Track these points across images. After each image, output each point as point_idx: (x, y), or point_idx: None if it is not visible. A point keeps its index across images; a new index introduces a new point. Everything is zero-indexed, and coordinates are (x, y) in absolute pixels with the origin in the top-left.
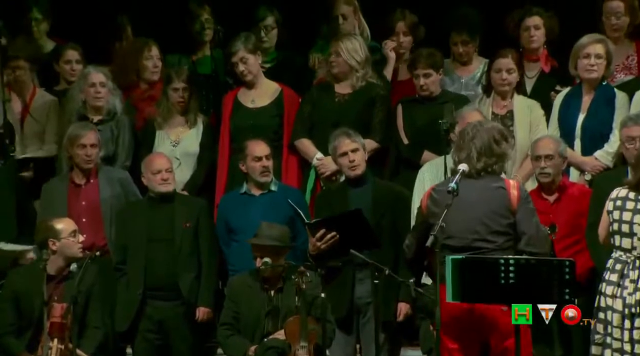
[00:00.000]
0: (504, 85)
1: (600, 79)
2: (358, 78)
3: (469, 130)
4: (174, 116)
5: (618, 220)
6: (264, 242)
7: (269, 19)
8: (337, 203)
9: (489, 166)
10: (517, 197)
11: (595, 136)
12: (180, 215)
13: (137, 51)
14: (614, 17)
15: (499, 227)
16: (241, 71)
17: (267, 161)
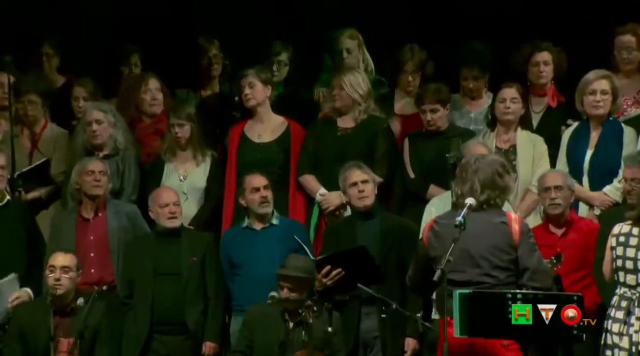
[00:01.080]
0: (507, 114)
1: (606, 114)
2: (360, 111)
3: (471, 163)
4: (182, 150)
5: (622, 256)
6: (290, 273)
7: (283, 55)
8: (345, 236)
9: (492, 199)
10: (518, 231)
11: (604, 172)
12: (187, 250)
13: (135, 85)
14: (625, 51)
15: (501, 262)
16: (246, 94)
17: (265, 191)
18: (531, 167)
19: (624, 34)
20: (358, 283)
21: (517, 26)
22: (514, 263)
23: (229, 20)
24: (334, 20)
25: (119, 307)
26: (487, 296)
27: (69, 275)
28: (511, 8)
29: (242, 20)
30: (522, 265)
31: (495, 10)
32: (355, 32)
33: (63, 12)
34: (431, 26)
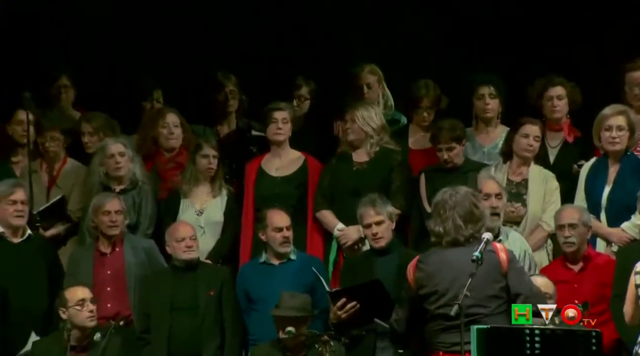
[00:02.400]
0: (529, 152)
1: (624, 150)
2: (372, 144)
3: (447, 199)
4: (200, 184)
5: None
6: (286, 313)
7: (304, 89)
8: (363, 271)
9: (476, 232)
10: (506, 259)
11: (622, 207)
12: (204, 284)
13: (152, 119)
14: (637, 87)
15: (492, 291)
16: (279, 128)
17: (287, 232)
18: (541, 203)
19: (635, 70)
20: (374, 315)
21: (532, 61)
22: (504, 291)
23: (248, 55)
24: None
25: (136, 342)
26: (505, 331)
27: (95, 306)
28: (527, 42)
29: (261, 55)
30: (513, 291)
31: (510, 45)
32: (376, 67)
33: (77, 45)
34: (446, 59)
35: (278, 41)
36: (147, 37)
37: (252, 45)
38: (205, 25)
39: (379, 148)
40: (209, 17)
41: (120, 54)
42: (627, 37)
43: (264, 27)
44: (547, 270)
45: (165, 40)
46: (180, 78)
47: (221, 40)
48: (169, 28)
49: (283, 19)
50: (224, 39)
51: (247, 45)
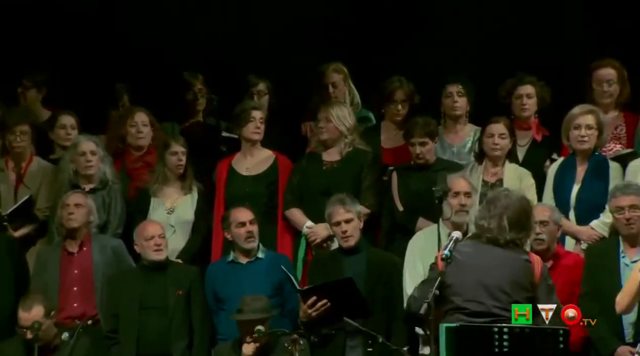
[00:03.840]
0: (496, 150)
1: (592, 149)
2: (346, 144)
3: (501, 197)
4: (170, 182)
5: None
6: (251, 317)
7: (261, 85)
8: (331, 270)
9: (517, 239)
10: (540, 272)
11: (590, 206)
12: (173, 283)
13: (121, 119)
14: (606, 83)
15: (520, 298)
16: (257, 127)
17: (251, 226)
18: None
19: (604, 67)
20: (344, 314)
21: (502, 61)
22: (530, 301)
23: (212, 54)
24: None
25: (104, 342)
26: (473, 330)
27: None
28: (496, 43)
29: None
30: (539, 305)
31: (480, 45)
32: (341, 65)
33: (50, 45)
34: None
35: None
36: (116, 35)
37: (215, 44)
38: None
39: (352, 148)
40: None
41: (89, 52)
42: (600, 38)
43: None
44: None
45: (133, 38)
46: (149, 76)
47: (187, 38)
48: (137, 26)
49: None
50: (189, 37)
51: (209, 45)
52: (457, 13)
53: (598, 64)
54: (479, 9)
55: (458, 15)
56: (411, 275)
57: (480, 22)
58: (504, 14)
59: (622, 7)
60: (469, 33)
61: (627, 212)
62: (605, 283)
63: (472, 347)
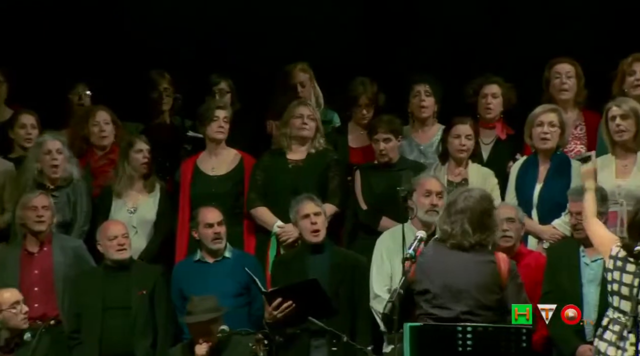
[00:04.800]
0: (462, 152)
1: (554, 148)
2: (320, 143)
3: (459, 201)
4: (133, 182)
5: (618, 281)
6: (201, 319)
7: (222, 84)
8: (296, 270)
9: (483, 240)
10: (507, 272)
11: (552, 205)
12: (137, 283)
13: (82, 118)
14: (565, 75)
15: (488, 301)
16: (220, 126)
17: (218, 227)
18: None
19: (561, 63)
20: (309, 314)
21: (469, 62)
22: (499, 302)
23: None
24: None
25: (66, 342)
26: (437, 329)
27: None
28: (463, 43)
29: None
30: (508, 305)
31: (447, 45)
32: (307, 65)
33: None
34: (380, 60)
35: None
36: (78, 33)
37: (176, 43)
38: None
39: (321, 147)
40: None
41: (50, 51)
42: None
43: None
44: None
45: (97, 37)
46: (113, 75)
47: (153, 38)
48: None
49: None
50: (154, 36)
51: (172, 44)
52: (427, 13)
53: (556, 60)
54: (448, 10)
55: (427, 16)
56: (379, 274)
57: (448, 23)
58: (472, 14)
59: (581, 9)
60: (437, 33)
61: (574, 218)
62: (566, 282)
63: (435, 346)
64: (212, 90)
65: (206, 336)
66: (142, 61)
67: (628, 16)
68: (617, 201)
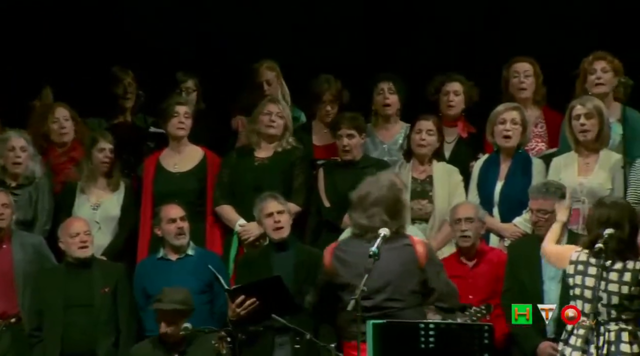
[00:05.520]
0: (422, 147)
1: (516, 146)
2: (288, 141)
3: (373, 192)
4: (97, 179)
5: (580, 285)
6: (168, 307)
7: (189, 82)
8: (260, 267)
9: (400, 227)
10: (424, 253)
11: (514, 203)
12: (99, 281)
13: (42, 115)
14: (523, 74)
15: (409, 284)
16: (181, 122)
17: (181, 222)
18: (447, 198)
19: (520, 62)
20: (272, 312)
21: (432, 61)
22: (421, 285)
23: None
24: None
25: (26, 340)
26: (400, 326)
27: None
28: (426, 43)
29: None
30: (429, 286)
31: (409, 45)
32: (273, 63)
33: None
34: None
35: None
36: (40, 29)
37: (144, 39)
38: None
39: (289, 145)
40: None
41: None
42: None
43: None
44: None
45: (59, 33)
46: (75, 72)
47: (115, 34)
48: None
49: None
50: (117, 32)
51: (139, 40)
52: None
53: (515, 59)
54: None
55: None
56: None
57: (413, 22)
58: (433, 14)
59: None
60: (400, 32)
61: (534, 215)
62: (527, 279)
63: (398, 343)
64: (179, 88)
65: (171, 326)
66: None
67: (590, 14)
68: (579, 199)
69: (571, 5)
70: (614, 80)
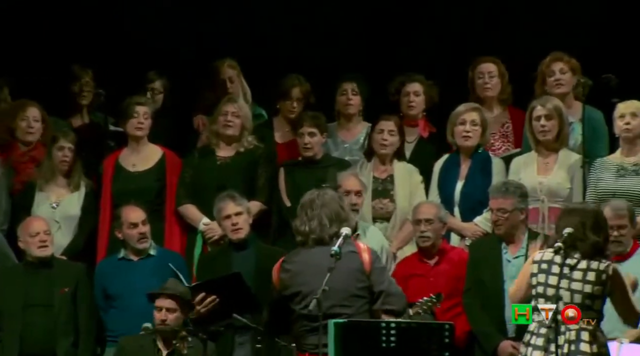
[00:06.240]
0: (384, 147)
1: (476, 146)
2: (248, 141)
3: (315, 199)
4: (56, 177)
5: (543, 283)
6: (169, 291)
7: (157, 83)
8: (220, 266)
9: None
10: (368, 259)
11: (474, 202)
12: (59, 280)
13: (12, 110)
14: (487, 75)
15: (355, 290)
16: (140, 122)
17: (143, 227)
18: (409, 197)
19: (485, 62)
20: (233, 310)
21: (392, 62)
22: (368, 290)
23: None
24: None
25: None
26: (361, 326)
27: None
28: (386, 44)
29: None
30: (375, 290)
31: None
32: (234, 61)
33: None
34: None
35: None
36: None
37: (107, 37)
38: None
39: (251, 145)
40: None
41: None
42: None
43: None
44: (403, 264)
45: (18, 31)
46: (34, 70)
47: (76, 31)
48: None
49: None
50: (79, 30)
51: (102, 38)
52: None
53: (480, 60)
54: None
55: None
56: None
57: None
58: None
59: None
60: (359, 32)
61: (494, 214)
62: (488, 278)
63: (359, 343)
64: (146, 87)
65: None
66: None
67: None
68: (538, 198)
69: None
70: (573, 80)
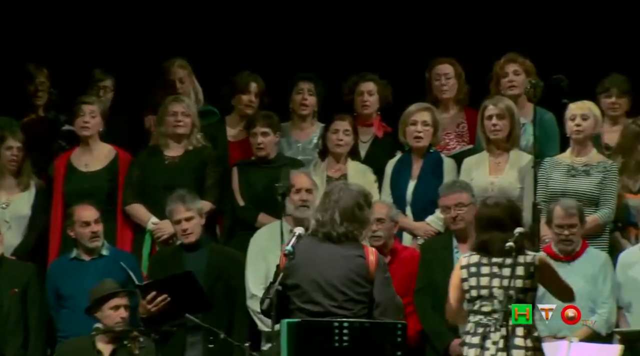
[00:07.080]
0: (339, 146)
1: (427, 146)
2: (197, 139)
3: (335, 191)
4: (5, 177)
5: (476, 286)
6: (110, 290)
7: (107, 81)
8: (172, 266)
9: (349, 232)
10: (375, 264)
11: (426, 202)
12: (8, 281)
13: None
14: (444, 76)
15: (356, 295)
16: (85, 121)
17: (95, 226)
18: None
19: (442, 64)
20: (184, 309)
21: (347, 60)
22: (368, 296)
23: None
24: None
25: None
26: (314, 325)
27: None
28: (341, 41)
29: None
30: (375, 298)
31: (325, 43)
32: (185, 61)
33: None
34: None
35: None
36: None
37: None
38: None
39: (200, 144)
40: None
41: None
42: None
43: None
44: None
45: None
46: None
47: (30, 30)
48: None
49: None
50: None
51: (54, 37)
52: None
53: (436, 61)
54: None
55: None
56: (254, 272)
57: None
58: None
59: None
60: (318, 31)
61: (452, 211)
62: (440, 278)
63: (312, 342)
64: (96, 86)
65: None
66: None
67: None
68: None
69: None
70: (527, 82)
